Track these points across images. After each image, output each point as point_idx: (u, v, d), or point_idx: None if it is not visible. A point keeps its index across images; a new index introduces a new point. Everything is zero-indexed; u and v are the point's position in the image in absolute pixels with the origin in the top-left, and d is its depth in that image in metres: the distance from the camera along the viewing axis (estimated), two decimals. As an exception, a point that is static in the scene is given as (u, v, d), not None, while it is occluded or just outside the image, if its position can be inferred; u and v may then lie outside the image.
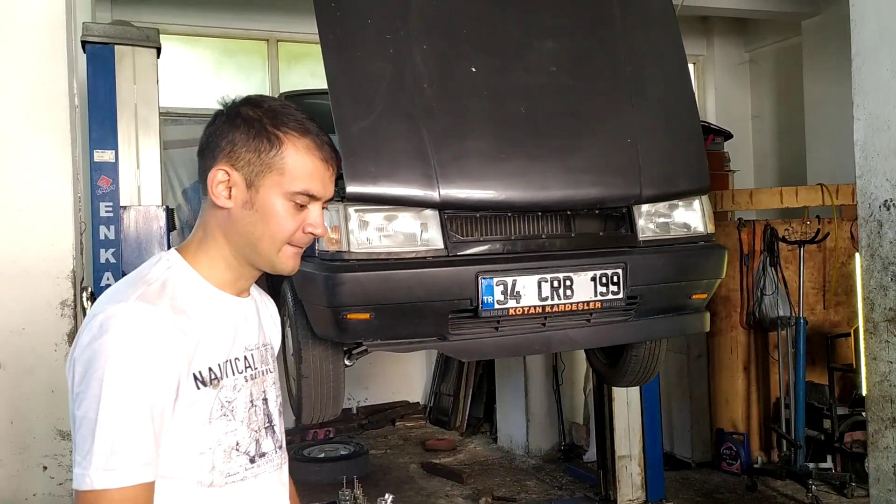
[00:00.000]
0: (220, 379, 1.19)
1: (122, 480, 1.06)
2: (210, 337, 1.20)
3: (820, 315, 5.34)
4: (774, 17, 6.94)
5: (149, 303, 1.14)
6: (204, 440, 1.17)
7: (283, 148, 1.21)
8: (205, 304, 1.22)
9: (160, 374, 1.11)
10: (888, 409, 2.99)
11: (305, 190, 1.21)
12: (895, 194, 2.96)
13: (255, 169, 1.21)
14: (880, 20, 3.02)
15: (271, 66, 6.58)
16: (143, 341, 1.10)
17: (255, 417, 1.25)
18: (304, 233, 1.24)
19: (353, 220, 2.65)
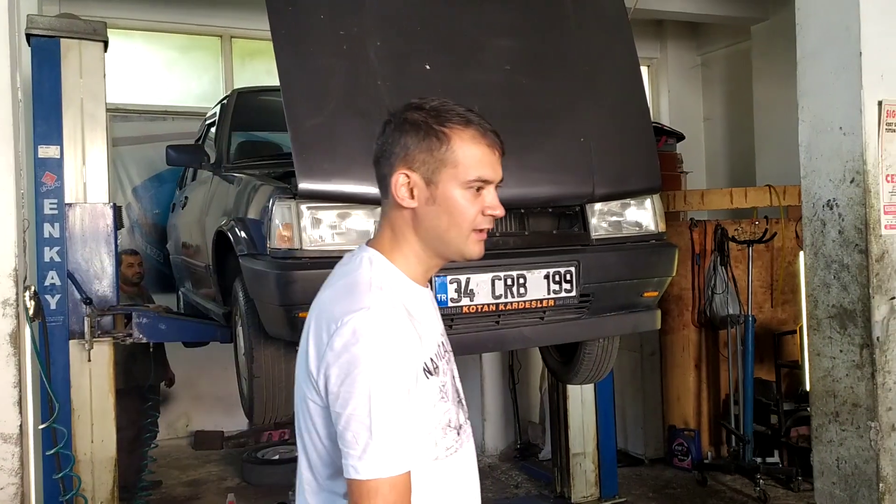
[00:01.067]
0: (438, 366, 1.32)
1: (398, 469, 1.21)
2: (425, 330, 1.33)
3: (768, 313, 5.46)
4: (725, 21, 7.08)
5: (390, 306, 1.26)
6: (430, 422, 1.30)
7: (451, 143, 1.30)
8: (414, 299, 1.34)
9: (411, 371, 1.25)
10: (831, 403, 3.07)
11: (479, 177, 1.31)
12: (838, 194, 3.04)
13: (430, 167, 1.31)
14: (824, 25, 3.09)
15: (225, 63, 6.49)
16: (397, 344, 1.23)
17: (454, 395, 1.37)
18: (484, 215, 1.33)
19: (306, 218, 2.62)
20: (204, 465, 5.77)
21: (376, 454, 1.19)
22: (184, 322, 4.06)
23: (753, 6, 6.77)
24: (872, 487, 2.91)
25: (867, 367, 2.93)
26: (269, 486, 4.99)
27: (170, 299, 5.60)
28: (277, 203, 2.66)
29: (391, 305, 1.26)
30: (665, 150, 5.93)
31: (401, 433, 1.21)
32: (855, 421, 2.99)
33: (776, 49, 6.41)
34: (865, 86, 2.94)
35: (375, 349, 1.21)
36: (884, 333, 2.91)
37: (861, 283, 2.96)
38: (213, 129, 4.23)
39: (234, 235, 2.99)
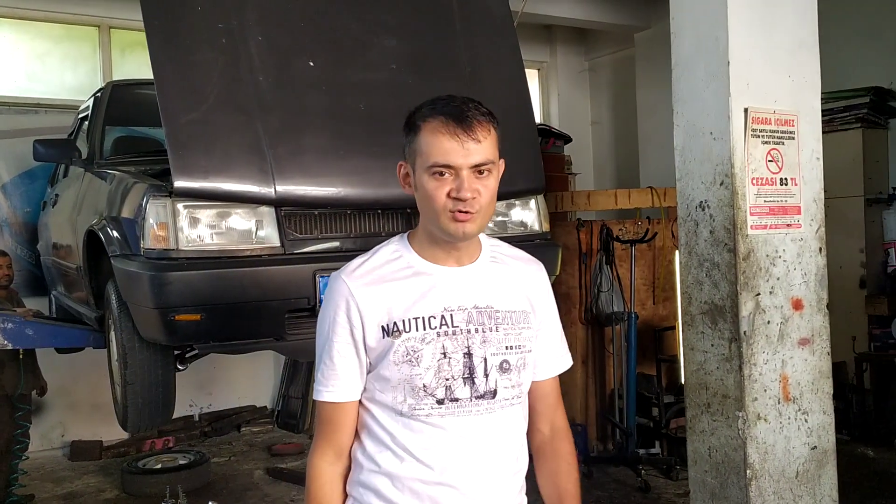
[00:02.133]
0: (401, 332, 1.45)
1: (325, 396, 1.49)
2: (408, 297, 1.46)
3: (650, 310, 5.68)
4: (610, 28, 7.33)
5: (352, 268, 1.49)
6: (392, 378, 1.45)
7: (420, 133, 1.44)
8: (407, 270, 1.49)
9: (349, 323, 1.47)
10: (703, 395, 3.21)
11: (436, 163, 1.41)
12: (709, 196, 3.18)
13: (411, 157, 1.47)
14: (696, 35, 3.23)
15: (103, 55, 6.18)
16: (341, 299, 1.48)
17: (448, 368, 1.45)
18: (451, 198, 1.41)
19: (183, 217, 2.53)
20: (81, 476, 5.48)
21: (316, 381, 1.50)
22: (54, 327, 3.85)
23: (637, 15, 7.04)
24: (741, 474, 3.06)
25: (735, 359, 3.08)
26: (150, 497, 4.79)
27: (42, 302, 5.29)
28: (152, 201, 2.56)
29: (354, 267, 1.49)
30: (553, 152, 6.08)
31: (328, 370, 1.48)
32: (725, 411, 3.14)
33: (657, 56, 6.67)
34: (733, 93, 3.08)
35: (325, 302, 1.51)
36: (750, 328, 3.07)
37: (730, 281, 3.11)
38: (86, 124, 4.02)
39: (105, 235, 2.85)
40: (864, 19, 5.99)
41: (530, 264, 1.64)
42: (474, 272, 1.53)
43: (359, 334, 1.47)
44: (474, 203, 1.42)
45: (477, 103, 1.46)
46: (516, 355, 1.52)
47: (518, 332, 1.54)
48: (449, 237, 1.45)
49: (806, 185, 3.22)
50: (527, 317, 1.56)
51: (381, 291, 1.47)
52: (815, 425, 3.18)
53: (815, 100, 3.28)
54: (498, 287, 1.55)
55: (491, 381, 1.49)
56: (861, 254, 5.75)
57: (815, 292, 3.22)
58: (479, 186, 1.42)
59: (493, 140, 1.46)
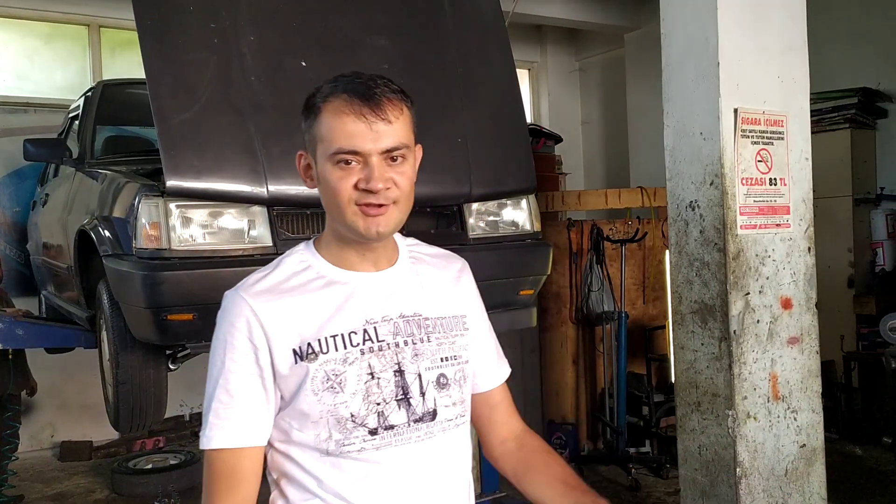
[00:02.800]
0: (317, 354, 1.23)
1: (220, 443, 1.22)
2: (321, 312, 1.25)
3: (640, 309, 5.70)
4: (601, 29, 7.36)
5: (250, 284, 1.25)
6: (313, 411, 1.23)
7: (320, 116, 1.23)
8: (313, 283, 1.28)
9: (252, 349, 1.23)
10: (693, 394, 3.23)
11: (339, 148, 1.21)
12: (699, 196, 3.20)
13: (311, 145, 1.26)
14: (686, 36, 3.26)
15: (93, 54, 6.16)
16: (237, 321, 1.23)
17: (379, 390, 1.25)
18: (358, 189, 1.22)
19: (175, 217, 2.53)
20: (71, 477, 5.45)
21: (205, 426, 1.23)
22: (44, 327, 3.83)
23: (627, 15, 7.07)
24: (730, 472, 3.09)
25: (725, 358, 3.10)
26: (140, 497, 4.78)
27: (31, 302, 5.27)
28: (144, 201, 2.55)
29: (254, 282, 1.26)
30: (544, 152, 6.09)
31: (225, 408, 1.22)
32: (714, 410, 3.16)
33: (647, 57, 6.70)
34: (723, 94, 3.11)
35: (218, 326, 1.25)
36: (740, 327, 3.09)
37: (720, 280, 3.13)
38: (76, 123, 4.01)
39: (97, 235, 2.84)
40: (851, 20, 6.04)
41: (454, 262, 1.46)
42: (395, 276, 1.33)
43: (265, 361, 1.22)
44: (387, 194, 1.22)
45: (387, 80, 1.25)
46: (453, 367, 1.33)
47: (452, 340, 1.34)
48: (359, 237, 1.25)
49: (795, 185, 3.25)
50: (460, 322, 1.37)
51: (290, 308, 1.24)
52: (805, 424, 3.20)
53: (804, 100, 3.31)
54: (424, 291, 1.35)
55: (429, 401, 1.29)
56: (849, 253, 5.80)
57: (804, 291, 3.25)
58: (392, 175, 1.22)
59: (408, 121, 1.26)
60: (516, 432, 1.47)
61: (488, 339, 1.47)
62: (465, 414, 1.36)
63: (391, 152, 1.22)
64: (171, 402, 3.27)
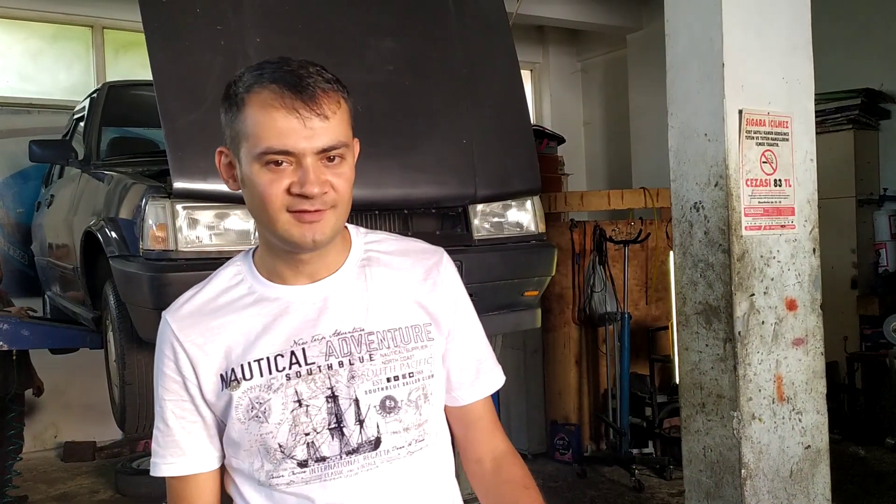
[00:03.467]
0: (240, 381, 1.13)
1: (163, 470, 1.19)
2: (236, 335, 1.14)
3: (643, 310, 5.71)
4: (603, 29, 7.37)
5: (179, 305, 1.19)
6: (243, 441, 1.14)
7: (245, 109, 1.08)
8: (243, 300, 1.17)
9: (176, 374, 1.16)
10: (698, 395, 3.24)
11: (268, 148, 1.06)
12: (703, 197, 3.20)
13: (234, 142, 1.11)
14: (690, 37, 3.26)
15: (96, 55, 6.17)
16: (164, 346, 1.17)
17: (307, 419, 1.13)
18: (290, 194, 1.07)
19: (182, 218, 2.54)
20: (74, 477, 5.46)
21: (152, 450, 1.20)
22: (50, 328, 3.84)
23: (629, 16, 7.07)
24: (735, 473, 3.09)
25: (730, 360, 3.10)
26: (144, 497, 4.78)
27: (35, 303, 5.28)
28: (151, 202, 2.56)
29: (182, 303, 1.19)
30: (546, 153, 6.09)
31: (164, 437, 1.18)
32: (719, 411, 3.16)
33: (650, 57, 6.71)
34: (727, 95, 3.11)
35: (156, 351, 1.20)
36: (744, 328, 3.09)
37: (724, 281, 3.13)
38: (81, 124, 4.02)
39: (104, 236, 2.85)
40: (854, 22, 6.04)
41: (425, 258, 1.27)
42: (334, 287, 1.17)
43: (194, 389, 1.14)
44: (324, 199, 1.08)
45: (319, 67, 1.11)
46: (407, 387, 1.17)
47: (407, 354, 1.17)
48: (293, 247, 1.10)
49: (800, 186, 3.26)
50: (421, 332, 1.20)
51: (216, 330, 1.14)
52: (809, 425, 3.21)
53: (809, 101, 3.31)
54: (371, 301, 1.18)
55: (370, 428, 1.14)
56: (853, 254, 5.80)
57: (809, 293, 3.25)
58: (329, 178, 1.08)
59: (345, 115, 1.12)
60: (496, 453, 1.29)
61: (470, 346, 1.28)
62: (424, 438, 1.19)
63: (328, 152, 1.08)
64: (176, 403, 3.27)
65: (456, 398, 1.27)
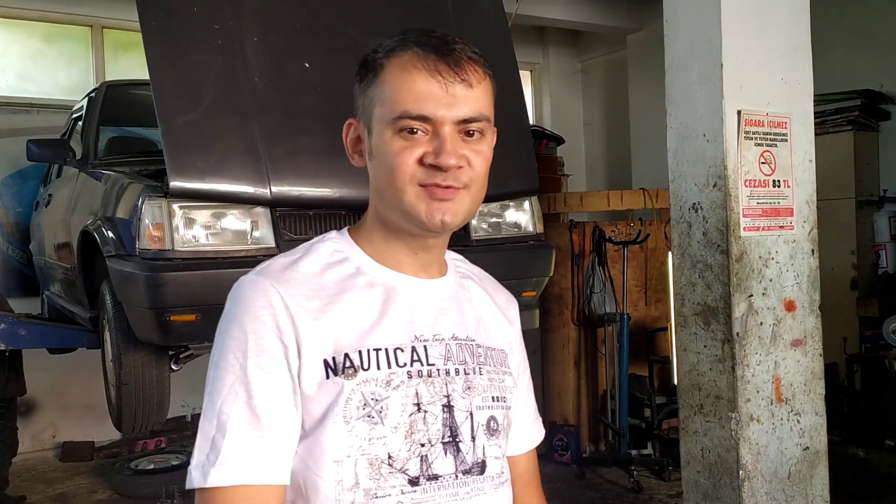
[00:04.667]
0: (357, 370, 0.95)
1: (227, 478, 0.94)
2: (348, 318, 0.97)
3: (642, 311, 5.70)
4: (603, 30, 7.36)
5: (276, 270, 0.99)
6: (336, 443, 0.93)
7: (383, 73, 0.98)
8: (351, 280, 1.01)
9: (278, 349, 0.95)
10: (696, 396, 3.23)
11: (404, 112, 0.95)
12: (702, 198, 3.19)
13: (366, 112, 1.01)
14: (689, 37, 3.25)
15: (96, 55, 6.17)
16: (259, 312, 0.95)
17: (424, 427, 0.97)
18: (423, 165, 0.96)
19: (178, 217, 2.53)
20: (72, 477, 5.45)
21: (213, 453, 0.95)
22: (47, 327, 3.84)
23: (629, 17, 7.07)
24: (733, 475, 3.08)
25: (728, 361, 3.10)
26: (142, 498, 4.77)
27: (33, 302, 5.28)
28: (148, 202, 2.56)
29: (283, 267, 0.99)
30: (546, 154, 6.09)
31: (252, 431, 0.92)
32: (717, 412, 3.15)
33: (650, 58, 6.70)
34: (726, 96, 3.10)
35: (230, 318, 0.96)
36: (743, 329, 3.08)
37: (723, 282, 3.12)
38: (79, 124, 4.02)
39: (100, 235, 2.85)
40: (854, 22, 6.03)
41: (502, 291, 1.21)
42: (448, 289, 1.08)
43: (294, 369, 0.94)
44: (459, 175, 0.96)
45: (465, 41, 1.02)
46: (503, 410, 1.07)
47: (501, 378, 1.08)
48: (418, 226, 0.99)
49: (799, 187, 3.25)
50: (505, 359, 1.12)
51: (327, 305, 0.97)
52: (808, 426, 3.20)
53: (808, 102, 3.30)
54: (475, 313, 1.10)
55: (479, 448, 1.01)
56: (852, 255, 5.79)
57: (808, 294, 3.24)
58: (467, 152, 0.97)
59: (489, 91, 1.02)
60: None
61: (528, 393, 1.21)
62: (504, 471, 1.07)
63: (469, 123, 0.97)
64: (174, 403, 3.27)
65: (508, 447, 1.14)
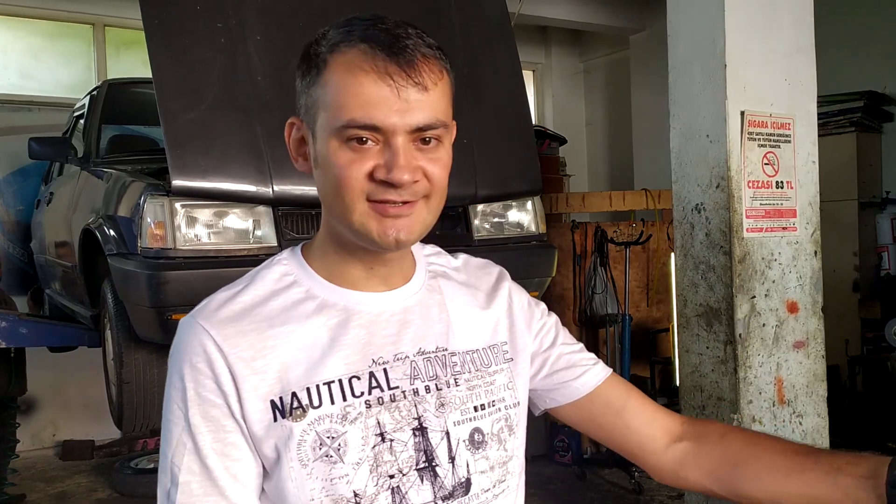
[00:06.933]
0: (306, 409, 0.88)
1: None
2: (295, 351, 0.90)
3: (644, 312, 5.69)
4: (606, 30, 7.35)
5: (215, 307, 0.91)
6: (302, 489, 0.87)
7: (326, 72, 0.88)
8: (300, 307, 0.93)
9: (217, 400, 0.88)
10: (698, 397, 3.22)
11: (352, 121, 0.85)
12: (705, 199, 3.19)
13: (310, 113, 0.91)
14: (693, 38, 3.25)
15: (98, 53, 6.16)
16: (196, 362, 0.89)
17: (392, 457, 0.90)
18: (373, 181, 0.87)
19: (180, 216, 2.53)
20: (72, 476, 5.45)
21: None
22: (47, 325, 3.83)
23: (632, 17, 7.06)
24: (735, 476, 3.08)
25: (730, 362, 3.09)
26: (142, 497, 4.77)
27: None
28: (150, 200, 2.55)
29: (218, 305, 0.91)
30: (548, 154, 6.09)
31: (193, 481, 0.86)
32: (719, 414, 3.15)
33: (652, 58, 6.70)
34: (730, 96, 3.09)
35: (173, 365, 0.90)
36: (745, 330, 3.08)
37: (725, 283, 3.12)
38: (81, 122, 4.01)
39: (102, 234, 2.84)
40: (858, 24, 6.02)
41: (491, 271, 1.12)
42: (413, 298, 0.99)
43: (238, 416, 0.88)
44: (415, 189, 0.88)
45: (419, 30, 0.92)
46: (491, 417, 0.99)
47: (489, 380, 1.01)
48: (370, 244, 0.91)
49: (801, 188, 3.24)
50: (499, 353, 1.04)
51: (270, 343, 0.89)
52: (810, 428, 3.19)
53: (811, 103, 3.30)
54: (451, 318, 1.01)
55: (460, 468, 0.95)
56: (854, 257, 5.78)
57: (810, 295, 3.24)
58: (423, 164, 0.89)
59: (447, 90, 0.93)
60: (674, 429, 1.09)
61: (569, 341, 1.13)
62: (506, 478, 1.00)
63: (424, 131, 0.88)
64: (175, 402, 3.27)
65: (572, 392, 1.10)
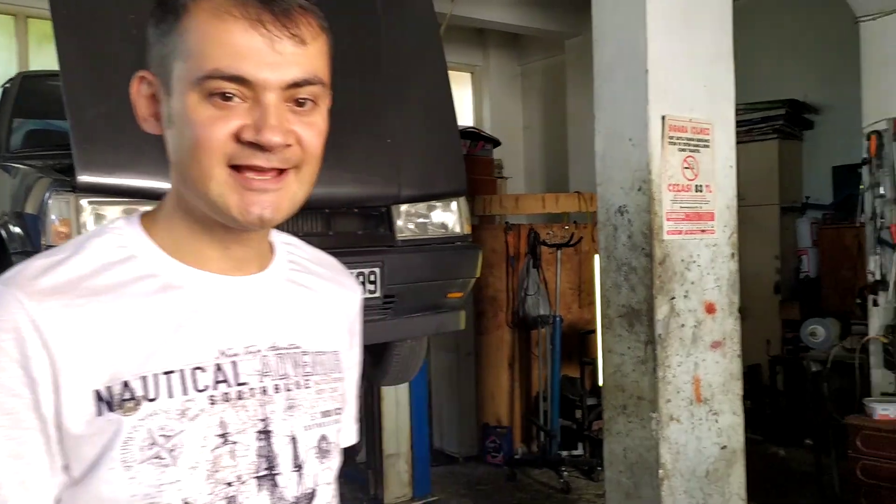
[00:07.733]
0: (139, 401, 0.75)
1: None
2: (129, 334, 0.77)
3: (575, 313, 5.75)
4: (542, 34, 7.41)
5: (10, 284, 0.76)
6: (117, 497, 0.75)
7: (187, 17, 0.76)
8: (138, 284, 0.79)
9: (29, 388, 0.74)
10: (620, 397, 3.26)
11: (214, 70, 0.74)
12: (627, 201, 3.23)
13: (165, 64, 0.78)
14: (616, 43, 3.29)
15: (19, 45, 5.94)
16: None
17: (232, 462, 0.79)
18: (240, 143, 0.76)
19: (87, 213, 2.43)
20: None
21: None
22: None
23: (567, 21, 7.13)
24: (653, 474, 3.12)
25: (650, 362, 3.14)
26: None
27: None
28: (54, 197, 2.45)
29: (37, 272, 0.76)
30: (481, 155, 6.11)
31: None
32: (639, 413, 3.19)
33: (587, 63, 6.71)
34: (651, 101, 3.15)
35: None
36: (665, 331, 3.13)
37: (646, 285, 3.16)
38: (-6, 115, 3.85)
39: (6, 231, 2.73)
40: (781, 33, 6.20)
41: (340, 273, 1.03)
42: (269, 287, 0.89)
43: (49, 408, 0.73)
44: (286, 155, 0.79)
45: None
46: (335, 426, 0.91)
47: (333, 385, 0.92)
48: (229, 220, 0.80)
49: (720, 192, 3.31)
50: (340, 361, 0.94)
51: (96, 322, 0.76)
52: (725, 425, 3.26)
53: (730, 110, 3.38)
54: (305, 313, 0.92)
55: (307, 477, 0.86)
56: (776, 260, 5.95)
57: (728, 296, 3.31)
58: (297, 128, 0.79)
59: (324, 49, 0.84)
60: None
61: (354, 390, 1.03)
62: (336, 493, 0.93)
63: (299, 87, 0.79)
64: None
65: None
